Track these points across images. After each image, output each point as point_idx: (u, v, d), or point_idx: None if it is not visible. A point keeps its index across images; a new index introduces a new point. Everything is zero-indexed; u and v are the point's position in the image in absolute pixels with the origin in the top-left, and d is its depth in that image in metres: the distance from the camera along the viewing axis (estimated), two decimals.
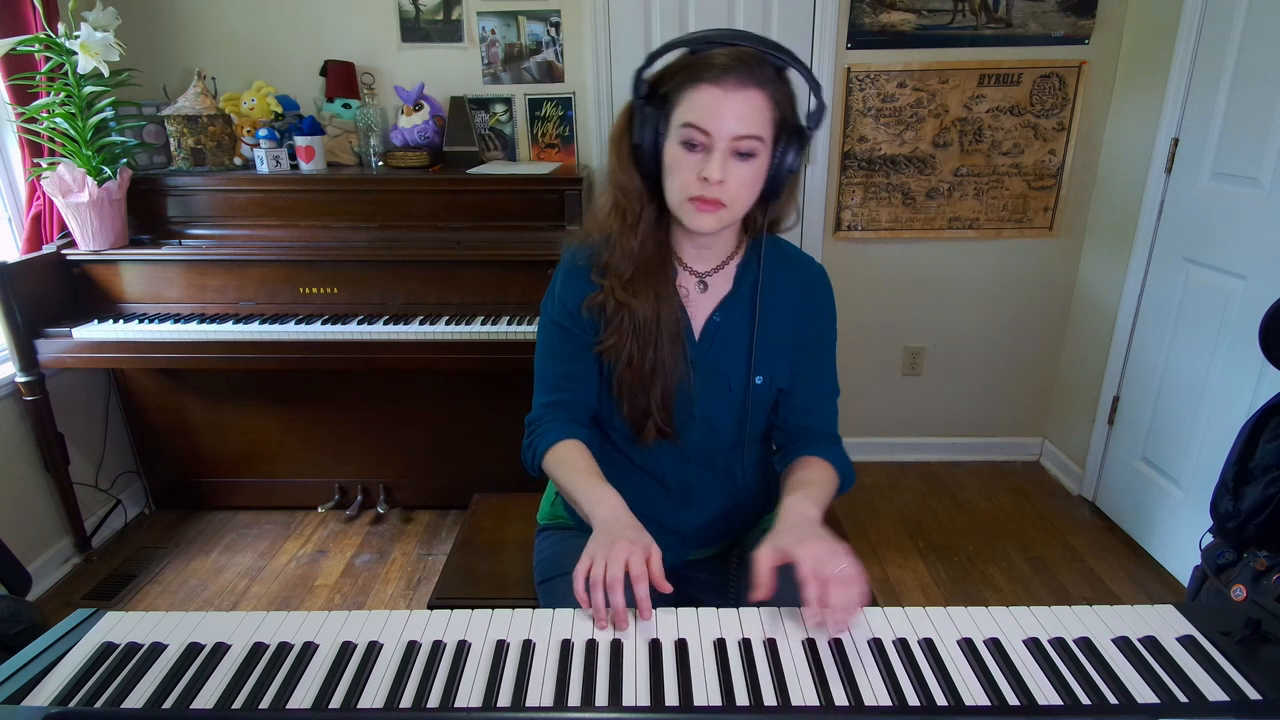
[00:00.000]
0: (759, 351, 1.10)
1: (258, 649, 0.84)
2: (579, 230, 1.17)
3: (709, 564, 1.25)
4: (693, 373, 1.10)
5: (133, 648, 0.84)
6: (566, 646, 0.84)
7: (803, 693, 0.77)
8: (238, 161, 2.42)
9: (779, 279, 1.11)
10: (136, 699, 0.77)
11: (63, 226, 2.23)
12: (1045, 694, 0.76)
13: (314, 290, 2.22)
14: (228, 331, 2.12)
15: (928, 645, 0.83)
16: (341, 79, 2.49)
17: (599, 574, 0.87)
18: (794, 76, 1.00)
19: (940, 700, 0.76)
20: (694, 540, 1.23)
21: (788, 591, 0.88)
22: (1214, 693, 0.76)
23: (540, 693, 0.77)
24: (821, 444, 1.15)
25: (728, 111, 0.94)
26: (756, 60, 0.95)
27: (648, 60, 0.99)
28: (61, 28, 2.05)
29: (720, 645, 0.84)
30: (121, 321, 2.16)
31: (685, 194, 0.98)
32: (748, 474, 1.21)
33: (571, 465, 1.08)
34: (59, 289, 2.21)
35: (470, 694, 0.77)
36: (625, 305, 1.06)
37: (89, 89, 2.07)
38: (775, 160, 0.99)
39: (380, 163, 2.46)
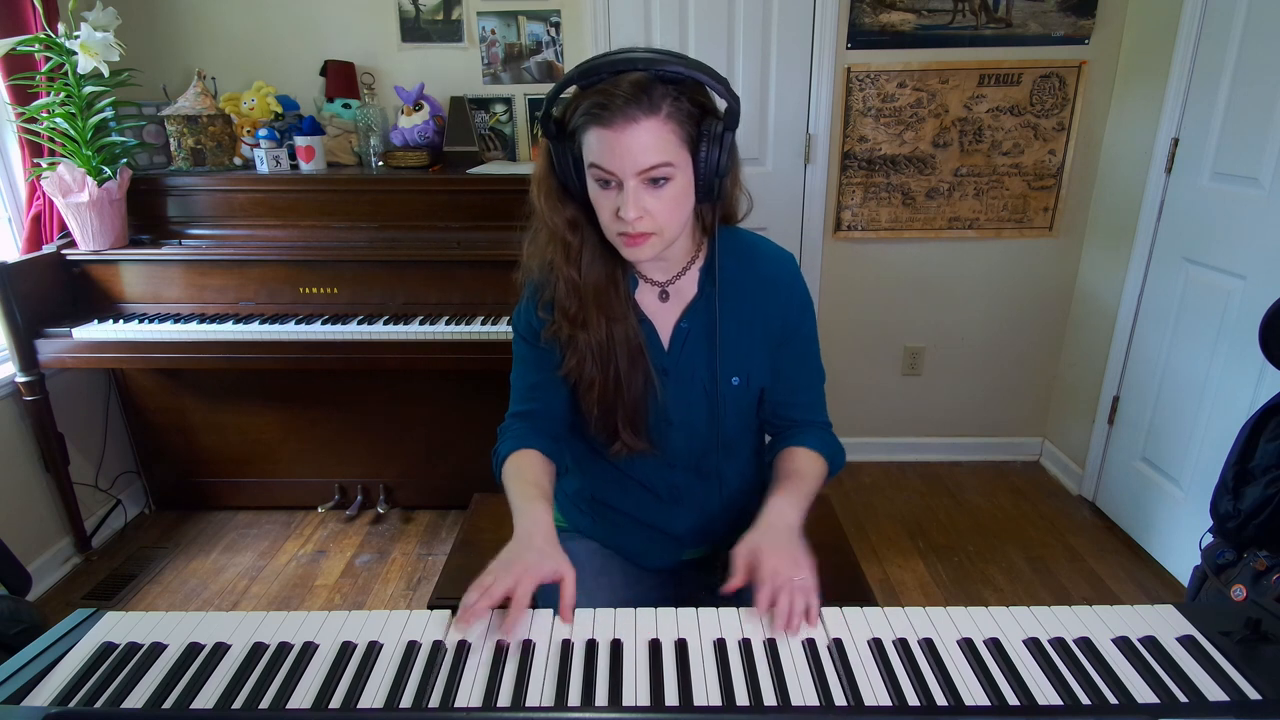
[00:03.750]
0: (732, 352, 1.09)
1: (258, 649, 0.84)
2: (520, 264, 1.11)
3: (704, 564, 1.25)
4: (665, 381, 1.09)
5: (133, 648, 0.84)
6: (566, 646, 0.84)
7: (803, 693, 0.77)
8: (238, 161, 2.42)
9: (741, 275, 1.08)
10: (136, 699, 0.77)
11: (63, 226, 2.23)
12: (1045, 694, 0.76)
13: (314, 290, 2.23)
14: (228, 331, 2.12)
15: (928, 645, 0.83)
16: (341, 79, 2.49)
17: (490, 588, 0.87)
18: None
19: (940, 700, 0.76)
20: (687, 541, 1.23)
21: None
22: (1214, 693, 0.76)
23: (540, 693, 0.77)
24: (808, 433, 1.15)
25: (623, 150, 0.89)
26: (642, 86, 0.88)
27: (548, 102, 0.95)
28: (61, 28, 2.05)
29: (720, 645, 0.84)
30: (121, 321, 2.16)
31: (612, 231, 0.97)
32: (739, 473, 1.21)
33: (519, 475, 1.07)
34: (59, 289, 2.21)
35: (470, 694, 0.77)
36: (575, 337, 1.05)
37: (89, 89, 2.07)
38: (700, 169, 0.94)
39: (380, 163, 2.46)
